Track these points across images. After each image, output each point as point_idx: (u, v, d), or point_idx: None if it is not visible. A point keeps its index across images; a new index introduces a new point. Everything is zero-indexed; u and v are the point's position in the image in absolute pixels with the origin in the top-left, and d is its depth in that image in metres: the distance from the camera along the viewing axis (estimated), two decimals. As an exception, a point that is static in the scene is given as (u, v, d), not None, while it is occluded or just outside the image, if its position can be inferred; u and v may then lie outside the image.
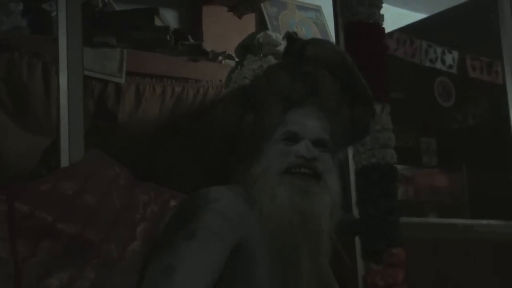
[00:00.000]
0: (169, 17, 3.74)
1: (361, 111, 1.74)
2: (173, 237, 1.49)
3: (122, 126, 3.16)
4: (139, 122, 3.18)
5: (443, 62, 3.65)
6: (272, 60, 2.69)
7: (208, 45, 3.55)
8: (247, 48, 2.86)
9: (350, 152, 2.84)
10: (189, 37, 3.55)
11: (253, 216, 1.56)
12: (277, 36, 2.91)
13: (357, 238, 2.76)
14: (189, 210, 1.53)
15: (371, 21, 2.81)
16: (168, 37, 3.43)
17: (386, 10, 2.89)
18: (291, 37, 1.75)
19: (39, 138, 2.82)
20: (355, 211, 2.78)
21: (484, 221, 3.44)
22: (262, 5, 4.09)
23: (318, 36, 4.43)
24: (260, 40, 2.85)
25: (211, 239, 1.48)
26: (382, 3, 2.85)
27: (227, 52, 3.51)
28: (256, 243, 1.53)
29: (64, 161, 2.18)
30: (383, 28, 2.85)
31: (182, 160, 2.39)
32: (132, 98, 3.21)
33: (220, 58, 3.52)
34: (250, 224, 1.55)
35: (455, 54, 3.69)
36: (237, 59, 2.98)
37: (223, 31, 3.63)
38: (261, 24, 4.03)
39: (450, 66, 3.69)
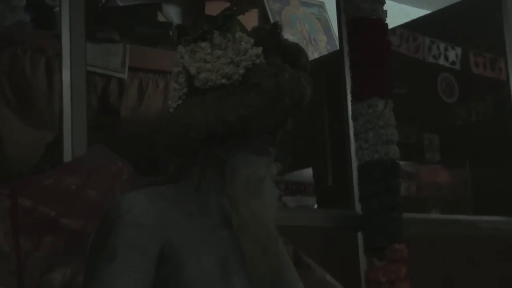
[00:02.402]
0: (172, 13, 3.74)
1: None
2: (95, 260, 1.43)
3: (125, 121, 3.16)
4: (142, 117, 3.18)
5: (446, 58, 3.65)
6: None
7: (211, 41, 3.54)
8: None
9: (353, 147, 2.85)
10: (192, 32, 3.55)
11: (179, 211, 1.49)
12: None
13: (359, 234, 2.77)
14: (105, 227, 1.45)
15: (374, 17, 2.81)
16: (171, 33, 3.43)
17: (389, 6, 2.89)
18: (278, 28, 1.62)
19: (42, 133, 2.83)
20: (358, 207, 2.78)
21: (486, 217, 3.44)
22: (265, 0, 4.09)
23: (321, 32, 4.44)
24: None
25: (132, 256, 1.41)
26: (385, -1, 2.85)
27: (230, 48, 3.50)
28: (182, 242, 1.46)
29: (67, 156, 2.19)
30: (386, 24, 2.85)
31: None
32: (135, 93, 3.22)
33: (223, 53, 3.52)
34: (173, 224, 1.47)
35: (458, 50, 3.68)
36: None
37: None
38: (264, 20, 4.03)
39: (453, 62, 3.68)
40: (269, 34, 1.58)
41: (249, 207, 1.49)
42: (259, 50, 1.51)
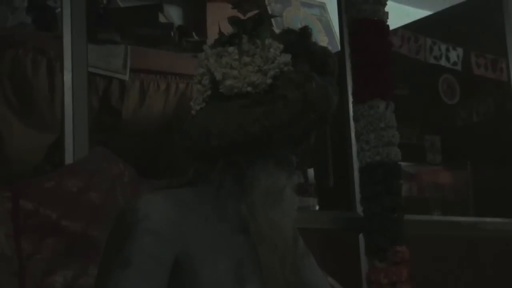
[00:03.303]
0: (173, 14, 3.74)
1: None
2: (110, 265, 1.42)
3: (126, 122, 3.16)
4: (144, 118, 3.18)
5: (448, 59, 3.65)
6: None
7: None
8: None
9: (354, 149, 2.85)
10: (193, 33, 3.55)
11: (196, 216, 1.47)
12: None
13: (361, 236, 2.77)
14: (121, 230, 1.43)
15: (376, 18, 2.81)
16: (172, 34, 3.43)
17: (391, 7, 2.89)
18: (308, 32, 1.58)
19: (44, 134, 2.82)
20: (359, 209, 2.78)
21: (488, 219, 3.44)
22: (266, 2, 4.09)
23: (323, 33, 4.43)
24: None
25: (148, 264, 1.40)
26: (386, 0, 2.85)
27: (231, 49, 3.50)
28: (198, 249, 1.44)
29: (69, 158, 2.19)
30: (388, 25, 2.85)
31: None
32: (136, 94, 3.21)
33: (224, 54, 3.52)
34: (189, 231, 1.45)
35: (460, 51, 3.68)
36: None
37: (227, 28, 3.63)
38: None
39: (455, 63, 3.68)
40: (298, 39, 1.54)
41: (267, 217, 1.47)
42: (288, 57, 1.48)
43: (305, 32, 1.56)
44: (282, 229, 1.48)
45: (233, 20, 1.56)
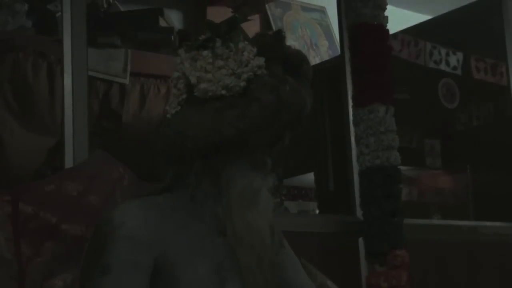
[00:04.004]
0: (174, 18, 3.74)
1: None
2: (90, 274, 1.43)
3: (126, 126, 3.16)
4: (144, 122, 3.18)
5: (448, 63, 3.65)
6: None
7: (212, 46, 3.54)
8: None
9: (354, 153, 2.85)
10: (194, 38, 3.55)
11: (173, 220, 1.48)
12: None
13: (360, 240, 2.77)
14: (99, 240, 1.45)
15: (376, 23, 2.81)
16: (172, 38, 3.43)
17: (391, 11, 2.89)
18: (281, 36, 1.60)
19: (44, 138, 2.82)
20: (359, 213, 2.78)
21: (488, 223, 3.43)
22: (266, 6, 4.10)
23: (323, 37, 4.44)
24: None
25: (128, 269, 1.41)
26: (386, 4, 2.85)
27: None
28: (177, 254, 1.45)
29: (69, 162, 2.19)
30: (388, 30, 2.85)
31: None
32: (137, 98, 3.21)
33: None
34: (167, 236, 1.46)
35: (460, 55, 3.69)
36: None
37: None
38: (266, 25, 4.03)
39: (455, 68, 3.69)
40: (271, 42, 1.56)
41: (243, 218, 1.48)
42: (261, 60, 1.50)
43: (279, 35, 1.58)
44: (259, 229, 1.49)
45: (207, 24, 1.57)
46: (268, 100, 1.48)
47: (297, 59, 1.58)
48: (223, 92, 1.48)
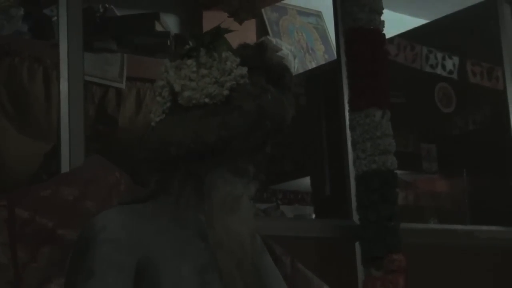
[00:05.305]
0: (170, 22, 3.74)
1: None
2: (74, 279, 1.45)
3: (122, 131, 3.16)
4: (140, 127, 3.18)
5: (444, 67, 3.65)
6: None
7: (208, 51, 3.54)
8: None
9: (351, 157, 2.85)
10: (190, 42, 3.55)
11: (152, 225, 1.51)
12: (278, 41, 2.92)
13: (357, 244, 2.76)
14: (81, 246, 1.47)
15: (372, 27, 2.81)
16: (168, 42, 3.44)
17: (387, 15, 2.90)
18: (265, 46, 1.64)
19: (40, 143, 2.82)
20: (355, 217, 2.78)
21: (484, 227, 3.44)
22: (262, 10, 4.10)
23: (319, 41, 4.44)
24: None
25: (111, 272, 1.43)
26: (382, 9, 2.86)
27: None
28: (160, 255, 1.47)
29: (65, 166, 2.19)
30: (384, 34, 2.85)
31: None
32: (133, 103, 3.21)
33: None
34: (148, 238, 1.48)
35: (456, 59, 3.69)
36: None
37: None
38: (262, 30, 4.04)
39: (451, 72, 3.69)
40: (254, 53, 1.60)
41: (224, 224, 1.50)
42: (244, 70, 1.53)
43: (262, 46, 1.62)
44: (239, 235, 1.51)
45: (191, 34, 1.62)
46: (249, 108, 1.51)
47: (279, 69, 1.61)
48: (207, 100, 1.51)
